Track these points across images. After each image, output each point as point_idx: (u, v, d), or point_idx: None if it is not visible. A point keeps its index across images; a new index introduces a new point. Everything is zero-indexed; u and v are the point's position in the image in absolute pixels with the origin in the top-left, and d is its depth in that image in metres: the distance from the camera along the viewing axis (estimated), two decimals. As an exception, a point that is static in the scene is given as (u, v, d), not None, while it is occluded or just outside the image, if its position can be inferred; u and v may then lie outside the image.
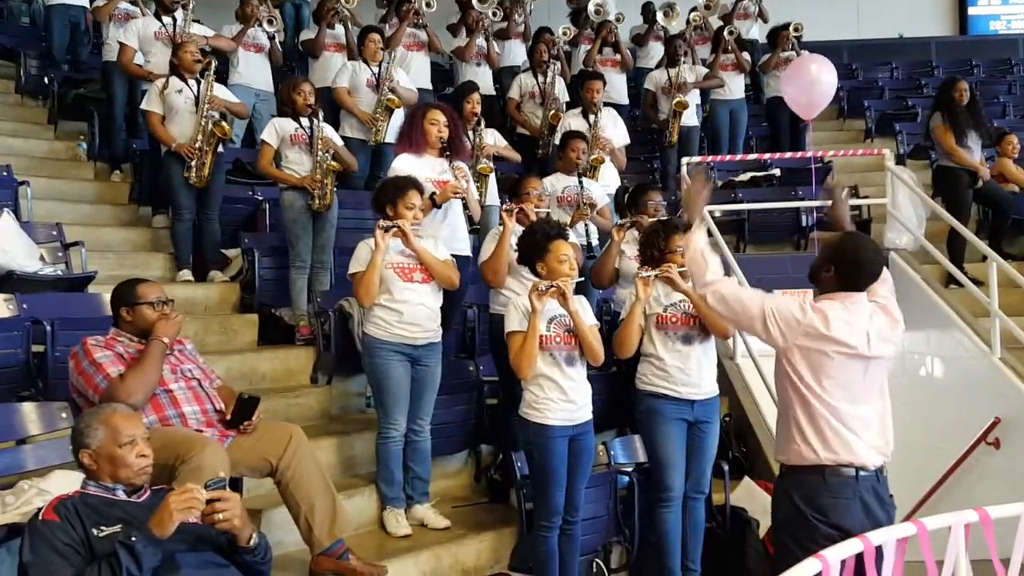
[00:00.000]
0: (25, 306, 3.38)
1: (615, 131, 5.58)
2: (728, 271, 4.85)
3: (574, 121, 5.53)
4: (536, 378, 3.07)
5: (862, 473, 2.39)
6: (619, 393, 3.78)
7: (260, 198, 5.24)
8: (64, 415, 2.79)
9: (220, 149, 4.82)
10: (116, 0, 5.97)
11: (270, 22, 6.09)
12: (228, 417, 2.81)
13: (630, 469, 3.58)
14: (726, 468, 3.75)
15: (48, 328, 3.23)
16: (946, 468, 4.51)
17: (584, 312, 3.15)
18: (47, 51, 6.57)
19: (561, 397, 3.07)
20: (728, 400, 4.59)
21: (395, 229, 3.34)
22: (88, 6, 6.48)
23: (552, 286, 3.01)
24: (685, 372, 3.29)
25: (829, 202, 3.04)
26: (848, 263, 2.48)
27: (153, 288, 2.90)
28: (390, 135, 5.40)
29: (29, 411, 2.78)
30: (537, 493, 3.14)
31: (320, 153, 4.47)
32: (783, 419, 2.54)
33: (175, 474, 2.44)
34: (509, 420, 3.55)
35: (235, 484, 2.87)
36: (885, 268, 2.62)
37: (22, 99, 6.49)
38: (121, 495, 2.16)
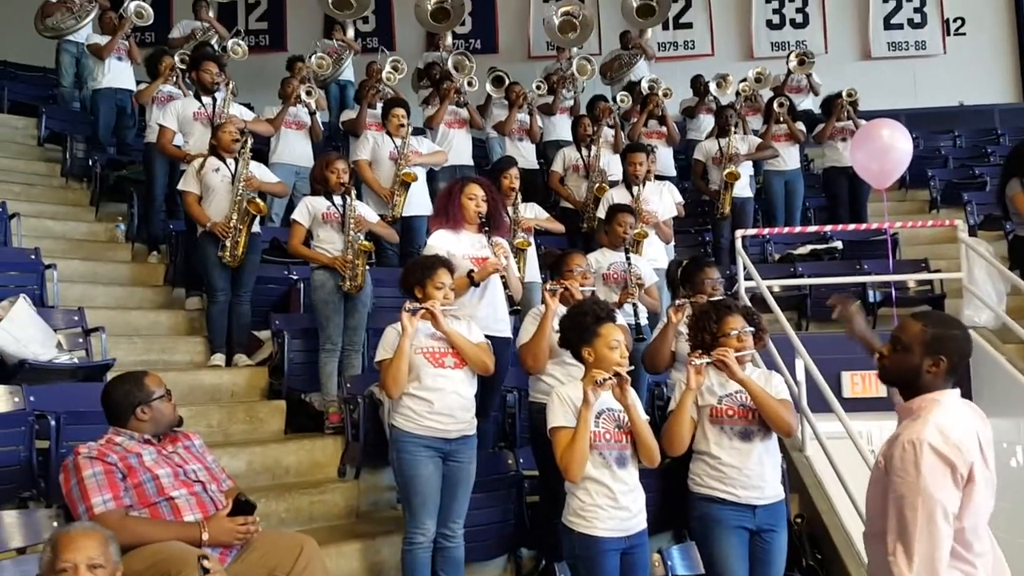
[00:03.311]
0: (32, 398, 3.15)
1: (660, 204, 5.32)
2: (792, 352, 4.46)
3: (617, 194, 5.32)
4: (583, 481, 2.71)
5: None
6: (674, 490, 3.34)
7: (295, 277, 5.08)
8: (55, 524, 2.51)
9: (256, 228, 4.69)
10: (158, 83, 6.03)
11: (308, 93, 6.05)
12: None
13: (690, 583, 3.15)
14: (801, 582, 3.29)
15: (52, 423, 2.99)
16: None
17: (638, 406, 2.81)
18: (93, 134, 6.66)
19: (611, 504, 2.70)
20: (799, 498, 4.11)
21: (423, 311, 3.08)
22: (134, 89, 6.57)
23: (610, 377, 2.67)
24: (744, 473, 2.88)
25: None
26: (961, 353, 2.08)
27: (156, 378, 2.68)
28: (408, 209, 5.30)
29: (10, 520, 2.50)
30: (584, 616, 2.73)
31: (352, 232, 4.29)
32: None
33: (165, 597, 2.12)
34: (552, 523, 3.16)
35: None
36: None
37: (67, 182, 6.54)
38: None
